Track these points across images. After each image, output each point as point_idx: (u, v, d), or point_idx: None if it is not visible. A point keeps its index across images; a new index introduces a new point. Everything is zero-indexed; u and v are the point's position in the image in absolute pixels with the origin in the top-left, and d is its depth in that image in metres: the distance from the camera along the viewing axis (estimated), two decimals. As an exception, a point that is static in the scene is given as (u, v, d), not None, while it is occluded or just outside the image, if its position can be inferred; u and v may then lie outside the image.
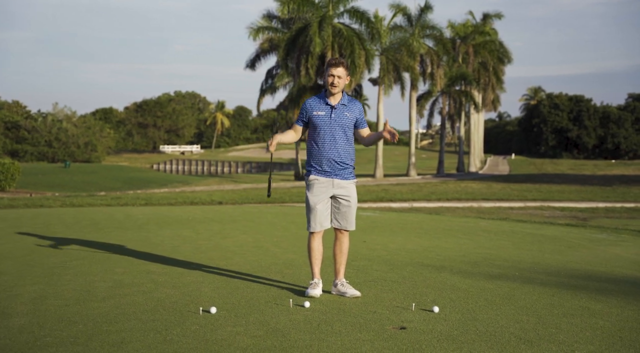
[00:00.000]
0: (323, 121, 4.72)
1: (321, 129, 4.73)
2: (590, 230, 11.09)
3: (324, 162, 4.74)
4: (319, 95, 4.82)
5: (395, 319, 4.10)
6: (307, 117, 4.79)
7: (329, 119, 4.72)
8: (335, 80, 4.67)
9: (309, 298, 4.61)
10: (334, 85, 4.68)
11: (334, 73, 4.67)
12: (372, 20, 37.64)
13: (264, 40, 42.32)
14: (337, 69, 4.67)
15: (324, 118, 4.73)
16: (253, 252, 6.97)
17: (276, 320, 3.96)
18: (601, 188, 28.49)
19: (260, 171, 72.41)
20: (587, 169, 47.05)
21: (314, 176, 4.78)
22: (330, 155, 4.72)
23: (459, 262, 6.64)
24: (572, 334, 3.80)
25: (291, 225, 10.30)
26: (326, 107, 4.75)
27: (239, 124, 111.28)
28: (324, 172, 4.76)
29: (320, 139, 4.74)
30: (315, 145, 4.77)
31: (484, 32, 48.24)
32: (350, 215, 4.88)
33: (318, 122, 4.73)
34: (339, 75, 4.67)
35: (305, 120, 4.81)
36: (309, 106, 4.78)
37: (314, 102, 4.79)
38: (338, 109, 4.74)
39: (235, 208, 15.46)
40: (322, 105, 4.76)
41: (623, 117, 66.02)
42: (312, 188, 4.77)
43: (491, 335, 3.77)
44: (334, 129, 4.72)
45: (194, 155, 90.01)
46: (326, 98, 4.76)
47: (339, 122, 4.73)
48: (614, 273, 6.07)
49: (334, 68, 4.67)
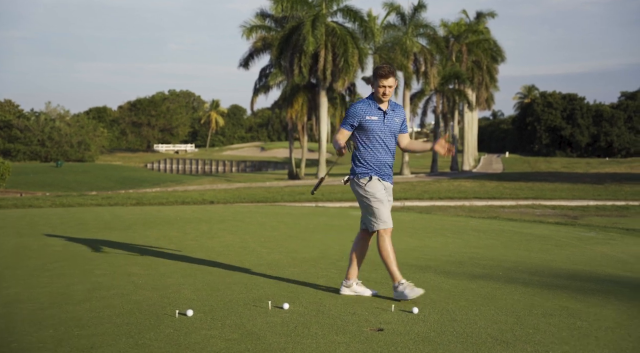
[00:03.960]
0: (377, 126, 4.72)
1: (375, 133, 4.72)
2: (579, 229, 11.11)
3: (379, 165, 4.75)
4: (368, 100, 4.78)
5: (373, 321, 4.08)
6: (358, 121, 4.72)
7: (382, 124, 4.73)
8: (387, 91, 4.67)
9: (412, 302, 4.54)
10: (386, 95, 4.68)
11: (385, 84, 4.65)
12: (365, 19, 37.60)
13: (257, 39, 42.22)
14: (388, 80, 4.65)
15: (378, 123, 4.72)
16: (238, 253, 6.94)
17: (253, 323, 3.93)
18: (593, 186, 28.56)
19: (255, 170, 72.32)
20: (580, 167, 47.20)
21: (375, 176, 4.75)
22: (385, 159, 4.76)
23: (444, 262, 6.62)
24: (549, 334, 3.79)
25: (280, 225, 10.27)
26: (379, 112, 4.73)
27: (233, 123, 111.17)
28: (380, 174, 4.77)
29: (374, 143, 4.73)
30: (369, 149, 4.75)
31: (478, 31, 48.28)
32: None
33: (372, 126, 4.71)
34: (390, 85, 4.66)
35: (356, 125, 4.74)
36: (361, 110, 4.72)
37: (364, 106, 4.74)
38: (389, 115, 4.75)
39: (226, 208, 15.41)
40: (374, 109, 4.73)
41: (616, 116, 66.22)
42: (377, 186, 4.74)
43: (468, 336, 3.75)
44: (387, 134, 4.75)
45: (188, 154, 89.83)
46: (376, 103, 4.74)
47: (390, 128, 4.76)
48: (598, 272, 6.07)
49: (384, 79, 4.64)
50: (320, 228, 9.79)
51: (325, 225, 10.19)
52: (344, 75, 36.11)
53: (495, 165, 56.41)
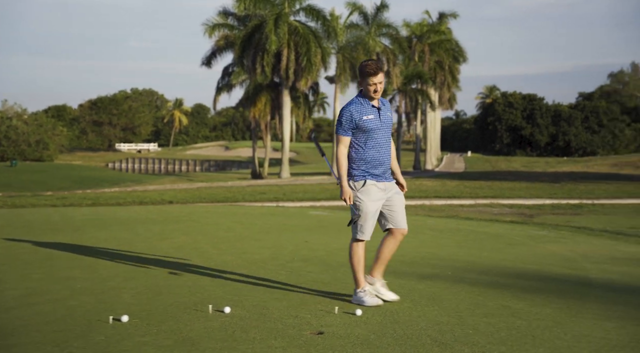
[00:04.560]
0: (374, 124, 4.51)
1: (374, 132, 4.51)
2: (532, 227, 11.26)
3: (378, 165, 4.54)
4: (358, 98, 4.56)
5: (315, 324, 4.01)
6: (355, 124, 4.49)
7: (379, 122, 4.53)
8: (378, 87, 4.47)
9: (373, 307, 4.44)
10: (377, 92, 4.48)
11: (375, 81, 4.45)
12: (328, 19, 37.63)
13: (219, 37, 41.84)
14: (377, 77, 4.45)
15: (375, 121, 4.51)
16: (188, 254, 6.80)
17: (190, 328, 3.82)
18: (550, 185, 29.15)
19: (219, 170, 71.69)
20: (539, 166, 48.17)
21: (370, 181, 4.53)
22: (384, 157, 4.57)
23: (395, 262, 6.60)
24: (487, 335, 3.78)
25: (236, 225, 10.15)
26: (373, 109, 4.53)
27: (197, 122, 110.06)
28: (377, 176, 4.55)
29: (374, 142, 4.52)
30: (368, 149, 4.52)
31: (440, 31, 48.81)
32: (404, 212, 4.78)
33: (370, 126, 4.50)
34: (380, 82, 4.47)
35: (354, 129, 4.52)
36: (356, 112, 4.50)
37: (358, 107, 4.52)
38: (382, 110, 4.57)
39: (184, 208, 15.18)
40: (368, 108, 4.52)
41: (573, 116, 67.83)
42: (370, 193, 4.52)
43: (408, 338, 3.72)
44: (385, 131, 4.57)
45: (151, 154, 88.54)
46: (368, 101, 4.55)
47: (387, 123, 4.59)
48: (544, 271, 6.14)
49: (373, 77, 4.44)
50: (275, 228, 9.71)
51: (282, 226, 10.11)
52: (307, 74, 36.07)
53: (457, 165, 57.13)
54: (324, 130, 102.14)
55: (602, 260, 6.92)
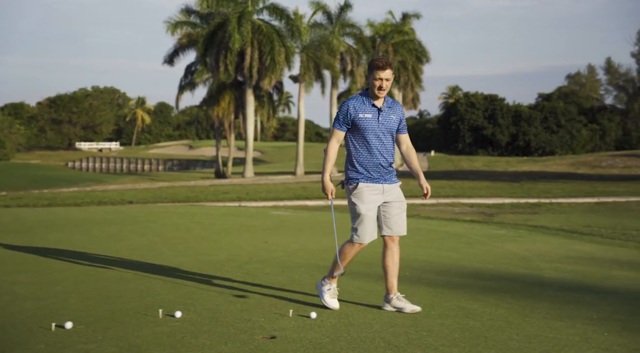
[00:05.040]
0: (371, 124, 4.34)
1: (369, 132, 4.35)
2: (491, 226, 11.39)
3: (372, 167, 4.37)
4: (361, 96, 4.41)
5: (268, 327, 3.93)
6: (351, 119, 4.36)
7: (377, 122, 4.35)
8: (384, 84, 4.29)
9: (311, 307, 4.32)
10: (382, 88, 4.29)
11: (382, 76, 4.26)
12: (291, 17, 37.50)
13: (182, 35, 41.31)
14: (385, 72, 4.27)
15: (372, 121, 4.35)
16: (142, 256, 6.64)
17: (137, 334, 3.69)
18: (510, 184, 29.66)
19: (182, 169, 70.81)
20: (500, 165, 48.98)
21: (364, 183, 4.37)
22: (380, 160, 4.38)
23: (354, 263, 6.56)
24: (441, 337, 3.76)
25: (195, 225, 9.98)
26: (372, 108, 4.36)
27: (160, 121, 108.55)
28: (373, 178, 4.38)
29: (367, 143, 4.36)
30: (361, 150, 4.38)
31: (403, 32, 49.12)
32: (402, 219, 4.49)
33: (366, 125, 4.34)
34: (387, 78, 4.29)
35: (349, 124, 4.39)
36: (353, 108, 4.36)
37: (357, 103, 4.37)
38: (384, 112, 4.38)
39: (143, 208, 14.89)
40: (368, 106, 4.36)
41: (533, 116, 69.20)
42: (363, 196, 4.35)
43: (362, 341, 3.67)
44: (382, 133, 4.37)
45: (113, 153, 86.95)
46: (370, 99, 4.38)
47: (387, 125, 4.39)
48: (500, 270, 6.18)
49: (381, 71, 4.26)
50: (235, 229, 9.58)
51: (242, 226, 9.99)
52: (271, 73, 35.89)
53: (421, 164, 57.41)
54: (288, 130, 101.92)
55: (557, 259, 7.02)
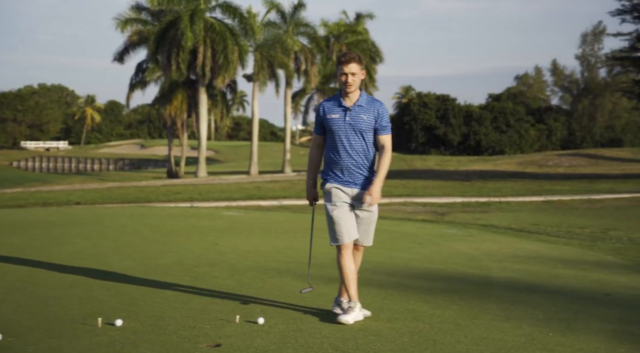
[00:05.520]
0: (337, 125, 4.19)
1: (335, 133, 4.19)
2: (442, 226, 11.51)
3: (340, 169, 4.21)
4: (335, 95, 4.27)
5: (213, 335, 3.82)
6: (321, 121, 4.24)
7: (343, 122, 4.18)
8: (349, 79, 4.13)
9: (338, 324, 4.06)
10: (349, 83, 4.14)
11: (346, 71, 4.12)
12: (245, 16, 37.19)
13: (133, 32, 40.42)
14: (350, 66, 4.11)
15: (338, 121, 4.19)
16: (86, 261, 6.40)
17: (73, 345, 3.52)
18: (461, 183, 30.19)
19: (134, 169, 69.31)
20: (452, 164, 49.81)
21: (330, 184, 4.24)
22: (347, 162, 4.18)
23: (305, 265, 6.49)
24: (390, 341, 3.73)
25: (144, 227, 9.72)
26: (339, 109, 4.21)
27: (111, 120, 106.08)
28: (342, 180, 4.23)
29: (335, 144, 4.20)
30: (330, 151, 4.24)
31: (357, 32, 49.38)
32: (369, 228, 4.32)
33: (332, 126, 4.20)
34: (352, 73, 4.12)
35: (323, 127, 4.26)
36: (322, 110, 4.25)
37: (328, 105, 4.26)
38: (353, 111, 4.18)
39: (90, 209, 14.45)
40: (336, 107, 4.22)
41: (483, 116, 70.68)
42: (331, 196, 4.23)
43: (309, 347, 3.60)
44: (349, 133, 4.17)
45: (61, 152, 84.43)
46: (341, 98, 4.22)
47: (354, 126, 4.16)
48: (449, 271, 6.22)
49: (345, 65, 4.12)
50: (185, 230, 9.38)
51: (192, 227, 9.79)
52: (224, 72, 35.50)
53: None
54: (243, 129, 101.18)
55: (505, 258, 7.12)
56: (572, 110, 76.61)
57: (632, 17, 37.08)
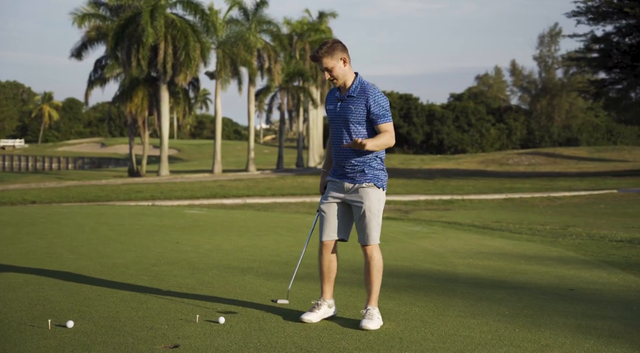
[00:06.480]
0: (331, 115, 4.04)
1: (330, 124, 4.05)
2: (407, 223, 11.51)
3: (336, 162, 4.05)
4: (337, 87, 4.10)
5: (171, 336, 3.65)
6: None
7: (335, 114, 4.02)
8: (326, 75, 3.94)
9: (302, 323, 3.91)
10: (331, 79, 3.95)
11: (321, 68, 3.93)
12: (206, 13, 36.73)
13: (91, 28, 39.46)
14: (323, 62, 3.89)
15: (332, 112, 4.04)
16: (39, 260, 6.12)
17: (19, 349, 3.31)
18: (424, 181, 30.44)
19: (94, 167, 67.79)
20: (415, 163, 50.24)
21: (330, 178, 4.11)
22: (338, 154, 4.02)
23: (269, 263, 6.37)
24: (355, 339, 3.62)
25: (102, 226, 9.43)
26: (334, 99, 4.05)
27: (69, 117, 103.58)
28: (337, 174, 4.06)
29: (332, 136, 4.06)
30: (331, 142, 4.10)
31: (320, 30, 49.31)
32: (367, 225, 3.99)
33: (329, 116, 4.05)
34: (327, 67, 3.89)
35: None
36: (326, 100, 4.12)
37: (329, 95, 4.10)
38: (345, 101, 3.98)
39: (46, 208, 14.00)
40: (332, 97, 4.07)
41: (446, 115, 71.58)
42: (326, 192, 4.12)
43: (272, 347, 3.46)
44: (339, 125, 4.00)
45: (17, 150, 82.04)
46: (338, 88, 4.06)
47: (344, 117, 3.96)
48: (415, 268, 6.16)
49: (318, 63, 3.93)
50: (145, 229, 9.13)
51: (153, 226, 9.54)
52: (186, 69, 35.01)
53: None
54: (206, 127, 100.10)
55: (469, 254, 7.11)
56: (530, 110, 78.21)
57: (587, 19, 38.01)
